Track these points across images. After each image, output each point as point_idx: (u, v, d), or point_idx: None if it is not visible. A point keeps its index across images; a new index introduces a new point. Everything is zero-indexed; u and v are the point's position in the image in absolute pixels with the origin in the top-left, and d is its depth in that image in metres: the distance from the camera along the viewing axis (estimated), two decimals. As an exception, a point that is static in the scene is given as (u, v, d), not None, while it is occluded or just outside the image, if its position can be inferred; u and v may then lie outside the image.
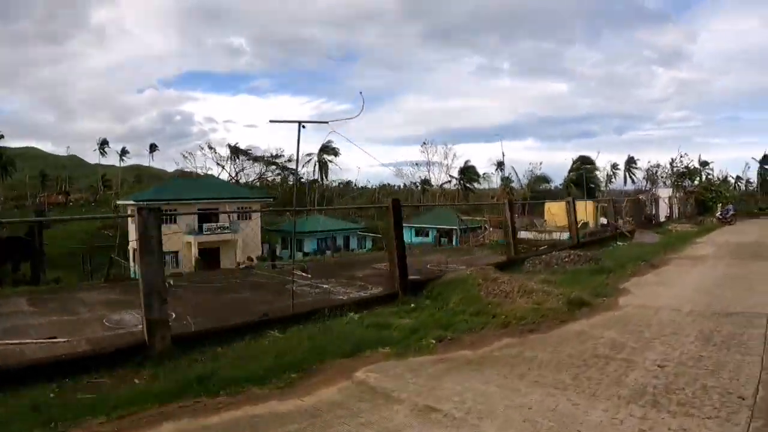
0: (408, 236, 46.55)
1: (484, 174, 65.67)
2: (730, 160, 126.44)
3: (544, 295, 8.49)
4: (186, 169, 71.89)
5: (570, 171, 51.91)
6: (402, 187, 78.53)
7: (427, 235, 45.13)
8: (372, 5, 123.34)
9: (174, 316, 9.10)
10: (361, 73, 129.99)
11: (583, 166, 48.99)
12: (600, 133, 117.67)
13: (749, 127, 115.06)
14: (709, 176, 71.72)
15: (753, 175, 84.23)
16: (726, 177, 71.94)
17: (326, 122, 9.81)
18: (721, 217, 32.55)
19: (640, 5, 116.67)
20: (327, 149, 60.94)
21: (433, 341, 6.33)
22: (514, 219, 12.04)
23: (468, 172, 63.34)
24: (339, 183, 70.74)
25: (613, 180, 72.92)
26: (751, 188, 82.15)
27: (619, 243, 17.02)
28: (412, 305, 8.47)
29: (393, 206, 9.42)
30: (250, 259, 36.32)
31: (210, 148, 66.19)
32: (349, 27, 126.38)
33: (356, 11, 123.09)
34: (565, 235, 26.30)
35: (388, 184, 78.46)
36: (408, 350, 6.03)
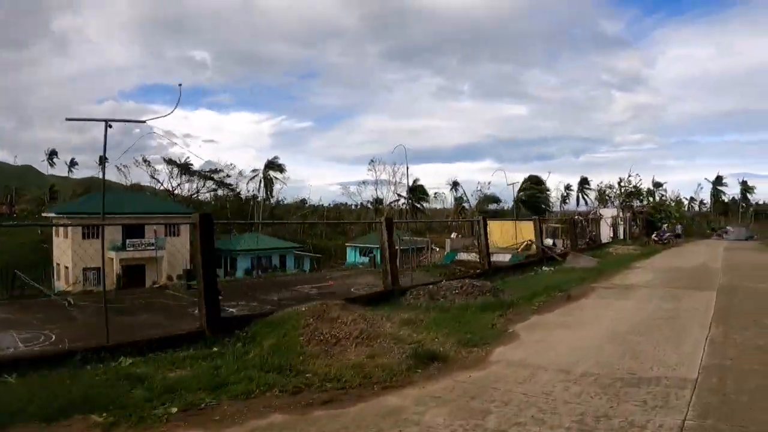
0: (353, 256, 43.80)
1: (435, 194, 63.43)
2: (685, 181, 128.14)
3: (390, 344, 5.96)
4: (143, 183, 68.18)
5: (519, 191, 49.33)
6: (359, 205, 75.85)
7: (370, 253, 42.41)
8: (335, 24, 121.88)
9: (54, 338, 8.33)
10: (321, 91, 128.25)
11: (533, 186, 46.69)
12: (558, 156, 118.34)
13: (703, 150, 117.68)
14: (662, 197, 71.58)
15: (706, 196, 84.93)
16: (678, 198, 72.31)
17: (143, 121, 7.77)
18: (656, 239, 30.46)
19: (600, 31, 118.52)
20: (272, 165, 57.80)
21: (175, 410, 4.29)
22: (392, 242, 9.51)
23: (417, 192, 60.79)
24: (280, 200, 67.08)
25: (567, 201, 71.76)
26: (704, 209, 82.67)
27: (545, 268, 14.66)
28: (215, 349, 6.19)
29: (200, 222, 6.85)
30: (169, 278, 33.09)
31: (145, 161, 62.00)
32: (311, 45, 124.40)
33: (320, 29, 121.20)
34: (508, 257, 24.18)
35: (345, 204, 75.59)
36: (128, 420, 4.08)
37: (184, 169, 59.47)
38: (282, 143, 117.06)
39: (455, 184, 59.07)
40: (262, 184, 60.38)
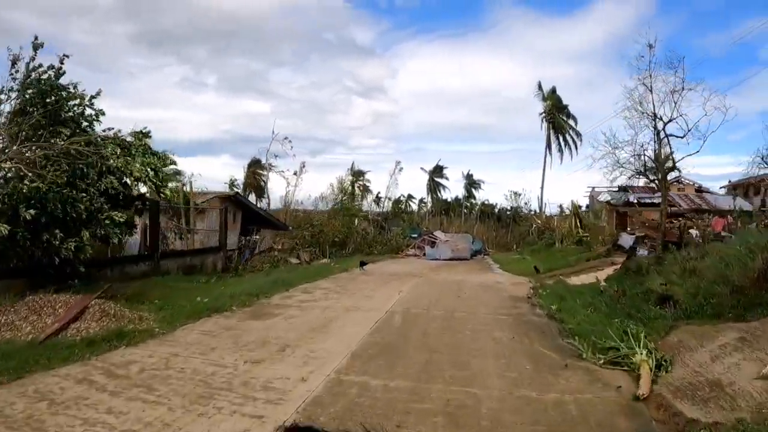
0: None
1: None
2: (415, 186, 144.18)
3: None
4: None
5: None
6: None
7: None
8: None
9: None
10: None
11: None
12: (296, 155, 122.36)
13: (434, 157, 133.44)
14: (368, 188, 56.60)
15: (415, 191, 71.06)
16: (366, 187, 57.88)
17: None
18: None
19: (350, 39, 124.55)
20: None
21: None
22: None
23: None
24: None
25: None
26: (424, 208, 63.93)
27: None
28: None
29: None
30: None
31: None
32: (57, 18, 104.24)
33: (70, 1, 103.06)
34: None
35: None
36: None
37: None
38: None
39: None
40: None
